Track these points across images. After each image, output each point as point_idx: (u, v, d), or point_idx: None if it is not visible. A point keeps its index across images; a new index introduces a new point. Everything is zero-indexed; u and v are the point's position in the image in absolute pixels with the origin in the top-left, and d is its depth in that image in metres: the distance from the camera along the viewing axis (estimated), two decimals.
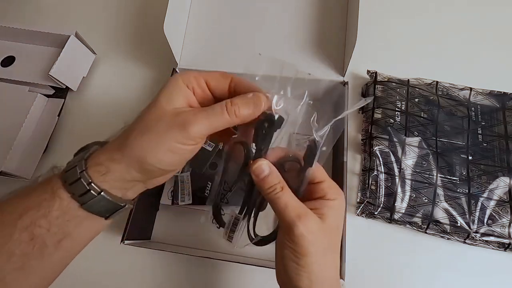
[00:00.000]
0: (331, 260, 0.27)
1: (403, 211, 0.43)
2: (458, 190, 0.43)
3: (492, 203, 0.42)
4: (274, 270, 0.29)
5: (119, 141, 0.26)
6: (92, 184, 0.25)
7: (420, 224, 0.42)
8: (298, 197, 0.27)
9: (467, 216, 0.42)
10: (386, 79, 0.50)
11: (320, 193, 0.27)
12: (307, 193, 0.28)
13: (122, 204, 0.27)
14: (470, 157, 0.45)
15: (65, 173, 0.26)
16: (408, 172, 0.44)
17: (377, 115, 0.47)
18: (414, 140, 0.46)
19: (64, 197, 0.25)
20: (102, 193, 0.25)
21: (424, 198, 0.43)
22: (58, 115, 0.54)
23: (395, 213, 0.43)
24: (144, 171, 0.26)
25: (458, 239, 0.42)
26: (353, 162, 0.48)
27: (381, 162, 0.45)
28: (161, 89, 0.26)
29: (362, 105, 0.25)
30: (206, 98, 0.27)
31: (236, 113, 0.25)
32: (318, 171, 0.28)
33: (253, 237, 0.30)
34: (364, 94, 0.51)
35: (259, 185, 0.27)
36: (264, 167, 0.26)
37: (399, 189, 0.43)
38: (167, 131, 0.24)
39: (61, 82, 0.52)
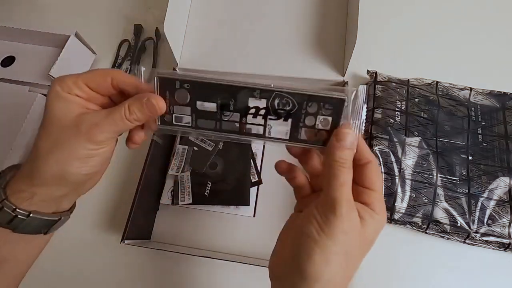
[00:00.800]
0: (350, 264, 0.24)
1: (403, 211, 0.43)
2: (458, 190, 0.43)
3: (492, 203, 0.42)
4: None
5: (31, 165, 0.25)
6: (18, 210, 0.25)
7: (420, 224, 0.42)
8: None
9: (467, 216, 0.42)
10: (386, 79, 0.50)
11: (367, 200, 0.25)
12: (353, 193, 0.25)
13: (57, 218, 0.27)
14: (470, 157, 0.45)
15: None
16: (408, 172, 0.44)
17: (377, 115, 0.47)
18: (414, 140, 0.46)
19: None
20: (31, 214, 0.25)
21: (424, 198, 0.43)
22: None
23: (395, 213, 0.43)
24: (70, 183, 0.26)
25: (458, 239, 0.42)
26: None
27: (381, 162, 0.45)
28: (46, 103, 0.25)
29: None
30: (98, 99, 0.26)
31: (136, 118, 0.25)
32: (374, 174, 0.26)
33: None
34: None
35: (335, 149, 0.24)
36: (353, 138, 0.24)
37: (399, 189, 0.43)
38: (75, 142, 0.24)
39: None
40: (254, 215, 0.45)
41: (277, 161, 0.30)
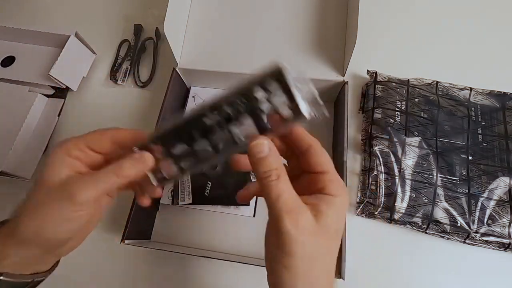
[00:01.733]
0: (323, 267, 0.24)
1: (403, 211, 0.43)
2: (458, 190, 0.43)
3: (492, 203, 0.42)
4: None
5: (12, 224, 0.26)
6: None
7: (420, 224, 0.42)
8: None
9: (467, 216, 0.42)
10: (386, 79, 0.50)
11: (320, 185, 0.24)
12: (306, 184, 0.25)
13: (28, 280, 0.27)
14: (470, 157, 0.45)
15: None
16: (408, 172, 0.44)
17: (377, 115, 0.47)
18: (414, 140, 0.46)
19: None
20: (1, 277, 0.25)
21: (424, 198, 0.43)
22: (58, 115, 0.54)
23: (395, 213, 0.43)
24: (45, 246, 0.26)
25: (458, 239, 0.42)
26: (353, 162, 0.48)
27: (381, 162, 0.45)
28: (44, 163, 0.26)
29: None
30: (93, 159, 0.27)
31: (123, 175, 0.25)
32: (319, 157, 0.25)
33: None
34: (364, 94, 0.51)
35: (254, 166, 0.24)
36: (265, 147, 0.23)
37: (399, 189, 0.43)
38: (56, 203, 0.24)
39: (61, 82, 0.52)
40: (254, 215, 0.45)
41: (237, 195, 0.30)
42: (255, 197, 0.45)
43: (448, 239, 0.43)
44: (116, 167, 0.25)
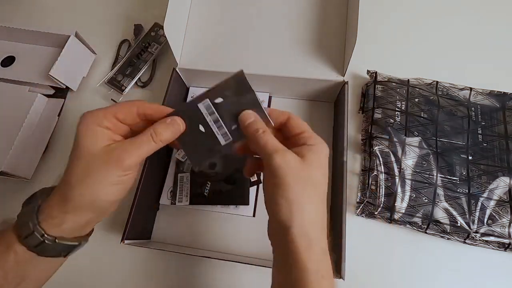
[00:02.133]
0: (313, 195, 0.27)
1: (403, 211, 0.43)
2: (458, 190, 0.43)
3: (492, 203, 0.42)
4: None
5: (64, 192, 0.28)
6: (46, 235, 0.27)
7: (420, 224, 0.42)
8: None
9: (467, 216, 0.42)
10: (386, 79, 0.50)
11: (301, 141, 0.29)
12: (289, 145, 0.29)
13: (77, 243, 0.30)
14: (470, 157, 0.45)
15: (19, 227, 0.27)
16: (408, 172, 0.44)
17: (377, 115, 0.47)
18: (414, 140, 0.46)
19: (19, 250, 0.27)
20: (57, 240, 0.27)
21: (424, 198, 0.43)
22: (58, 115, 0.54)
23: (395, 213, 0.43)
24: (98, 209, 0.29)
25: (458, 239, 0.42)
26: (353, 162, 0.48)
27: (381, 162, 0.45)
28: (77, 136, 0.28)
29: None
30: (122, 129, 0.29)
31: (161, 139, 0.28)
32: (295, 121, 0.30)
33: None
34: (364, 94, 0.51)
35: (245, 130, 0.30)
36: (250, 115, 0.30)
37: (399, 189, 0.43)
38: (106, 169, 0.27)
39: (61, 82, 0.52)
40: (254, 215, 0.45)
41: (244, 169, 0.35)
42: (255, 198, 0.46)
43: (448, 239, 0.43)
44: (152, 133, 0.28)
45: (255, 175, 0.46)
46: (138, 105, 0.29)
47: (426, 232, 0.43)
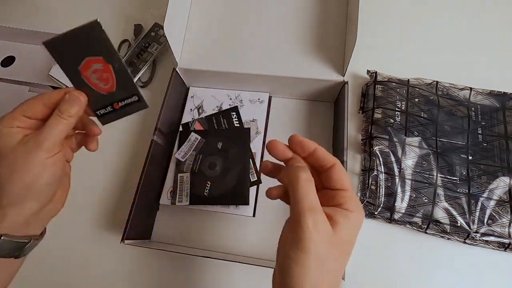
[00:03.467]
0: (330, 273, 0.25)
1: (403, 211, 0.43)
2: (458, 190, 0.43)
3: (492, 203, 0.42)
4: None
5: None
6: None
7: (420, 224, 0.42)
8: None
9: (467, 216, 0.42)
10: (386, 79, 0.50)
11: (339, 200, 0.26)
12: (325, 198, 0.27)
13: (27, 240, 0.29)
14: (470, 157, 0.45)
15: None
16: (408, 172, 0.44)
17: (377, 115, 0.47)
18: (414, 140, 0.46)
19: None
20: (2, 237, 0.27)
21: (424, 198, 0.43)
22: None
23: (395, 213, 0.43)
24: (36, 196, 0.28)
25: (458, 239, 0.42)
26: (353, 162, 0.48)
27: (381, 162, 0.45)
28: None
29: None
30: (33, 124, 0.29)
31: (69, 114, 0.28)
32: (341, 175, 0.27)
33: None
34: (364, 94, 0.51)
35: (287, 170, 0.27)
36: (301, 161, 0.28)
37: (399, 189, 0.43)
38: (28, 156, 0.27)
39: (61, 82, 0.52)
40: (254, 215, 0.45)
41: (266, 191, 0.31)
42: (255, 197, 0.46)
43: (448, 239, 0.43)
44: (58, 112, 0.28)
45: (255, 175, 0.46)
46: (43, 97, 0.29)
47: (426, 232, 0.43)
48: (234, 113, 0.50)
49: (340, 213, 0.25)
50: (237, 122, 0.49)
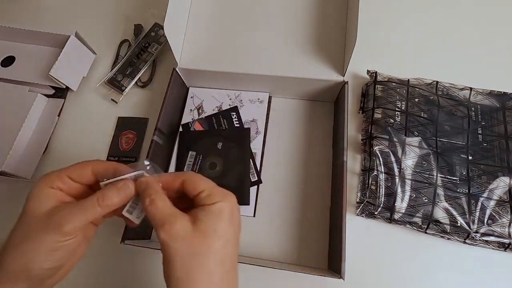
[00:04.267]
0: (203, 265, 0.25)
1: (403, 211, 0.43)
2: (458, 190, 0.43)
3: (492, 203, 0.42)
4: (274, 270, 0.29)
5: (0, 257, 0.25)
6: None
7: (420, 224, 0.42)
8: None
9: (467, 216, 0.42)
10: (386, 79, 0.50)
11: (202, 202, 0.27)
12: (194, 204, 0.28)
13: None
14: (470, 157, 0.45)
15: None
16: (408, 172, 0.44)
17: (377, 115, 0.47)
18: (414, 140, 0.46)
19: None
20: None
21: (424, 198, 0.43)
22: (58, 115, 0.54)
23: (395, 213, 0.43)
24: (33, 279, 0.26)
25: (458, 239, 0.42)
26: (353, 162, 0.48)
27: (381, 162, 0.45)
28: (27, 198, 0.26)
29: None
30: (76, 189, 0.28)
31: (108, 203, 0.26)
32: (192, 182, 0.28)
33: None
34: (364, 94, 0.51)
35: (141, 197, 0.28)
36: (142, 183, 0.28)
37: (399, 189, 0.43)
38: (43, 233, 0.25)
39: (61, 82, 0.52)
40: (254, 215, 0.45)
41: None
42: (255, 197, 0.46)
43: (448, 239, 0.43)
44: (99, 197, 0.26)
45: (255, 175, 0.46)
46: (93, 165, 0.28)
47: (426, 232, 0.43)
48: (234, 113, 0.50)
49: (200, 210, 0.26)
50: (237, 122, 0.49)
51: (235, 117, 0.50)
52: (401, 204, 0.43)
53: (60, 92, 0.55)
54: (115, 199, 0.27)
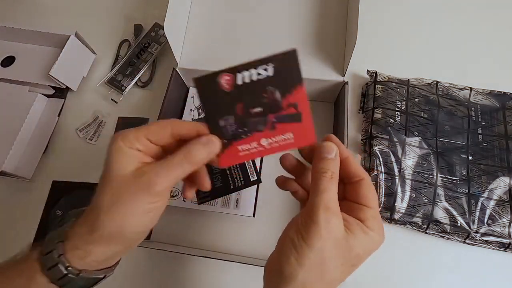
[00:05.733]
0: (327, 273, 0.24)
1: (403, 211, 0.43)
2: (458, 190, 0.43)
3: (492, 203, 0.42)
4: None
5: (91, 219, 0.25)
6: (70, 268, 0.25)
7: (420, 224, 0.42)
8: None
9: (467, 216, 0.42)
10: (386, 79, 0.50)
11: (361, 216, 0.26)
12: (346, 210, 0.26)
13: (101, 276, 0.27)
14: (470, 157, 0.45)
15: (44, 256, 0.25)
16: (408, 172, 0.44)
17: (377, 115, 0.47)
18: (414, 140, 0.46)
19: (40, 282, 0.25)
20: (81, 274, 0.25)
21: (424, 198, 0.43)
22: (58, 115, 0.54)
23: (395, 213, 0.43)
24: (126, 241, 0.26)
25: (458, 239, 0.42)
26: None
27: (381, 162, 0.45)
28: (107, 158, 0.26)
29: None
30: (153, 151, 0.27)
31: (196, 160, 0.25)
32: (369, 192, 0.26)
33: None
34: (364, 94, 0.51)
35: (317, 161, 0.26)
36: (334, 151, 0.26)
37: (399, 189, 0.43)
38: (135, 197, 0.24)
39: (61, 82, 0.52)
40: (254, 215, 0.45)
41: (276, 178, 0.31)
42: (254, 198, 0.46)
43: (448, 239, 0.43)
44: (186, 153, 0.25)
45: (255, 174, 0.46)
46: (173, 125, 0.27)
47: (426, 232, 0.43)
48: None
49: (359, 226, 0.25)
50: None
51: None
52: (401, 204, 0.43)
53: (60, 92, 0.55)
54: (201, 154, 0.26)
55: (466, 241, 0.42)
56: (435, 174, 0.44)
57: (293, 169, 0.30)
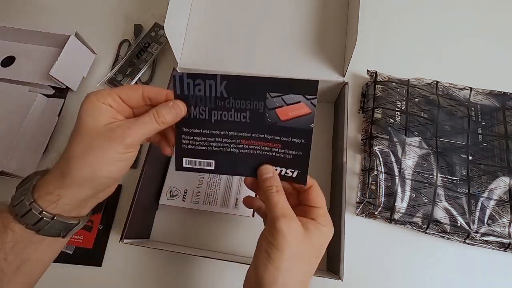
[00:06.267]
0: (300, 269, 0.28)
1: (403, 211, 0.43)
2: (458, 190, 0.43)
3: (492, 203, 0.42)
4: None
5: (62, 168, 0.27)
6: (44, 212, 0.27)
7: (420, 224, 0.42)
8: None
9: (467, 216, 0.42)
10: (386, 79, 0.50)
11: (313, 216, 0.30)
12: (301, 213, 0.30)
13: (76, 222, 0.29)
14: (470, 157, 0.45)
15: (14, 207, 0.27)
16: (408, 172, 0.44)
17: (377, 115, 0.47)
18: (414, 140, 0.45)
19: (17, 229, 0.27)
20: (55, 217, 0.27)
21: (424, 198, 0.43)
22: (58, 115, 0.54)
23: (395, 213, 0.43)
24: (96, 186, 0.28)
25: (458, 239, 0.42)
26: (353, 162, 0.48)
27: (381, 162, 0.45)
28: (80, 113, 0.28)
29: None
30: (125, 110, 0.29)
31: (163, 120, 0.28)
32: (315, 193, 0.31)
33: None
34: (364, 94, 0.51)
35: (261, 183, 0.31)
36: (269, 170, 0.32)
37: (399, 189, 0.43)
38: (108, 146, 0.27)
39: (61, 82, 0.52)
40: (253, 215, 0.45)
41: (243, 198, 0.37)
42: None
43: (448, 239, 0.43)
44: (155, 113, 0.28)
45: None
46: (144, 88, 0.29)
47: (426, 232, 0.43)
48: None
49: (312, 224, 0.29)
50: None
51: None
52: (401, 204, 0.43)
53: (60, 92, 0.55)
54: (168, 116, 0.29)
55: (466, 241, 0.42)
56: (435, 174, 0.44)
57: (252, 187, 0.34)
